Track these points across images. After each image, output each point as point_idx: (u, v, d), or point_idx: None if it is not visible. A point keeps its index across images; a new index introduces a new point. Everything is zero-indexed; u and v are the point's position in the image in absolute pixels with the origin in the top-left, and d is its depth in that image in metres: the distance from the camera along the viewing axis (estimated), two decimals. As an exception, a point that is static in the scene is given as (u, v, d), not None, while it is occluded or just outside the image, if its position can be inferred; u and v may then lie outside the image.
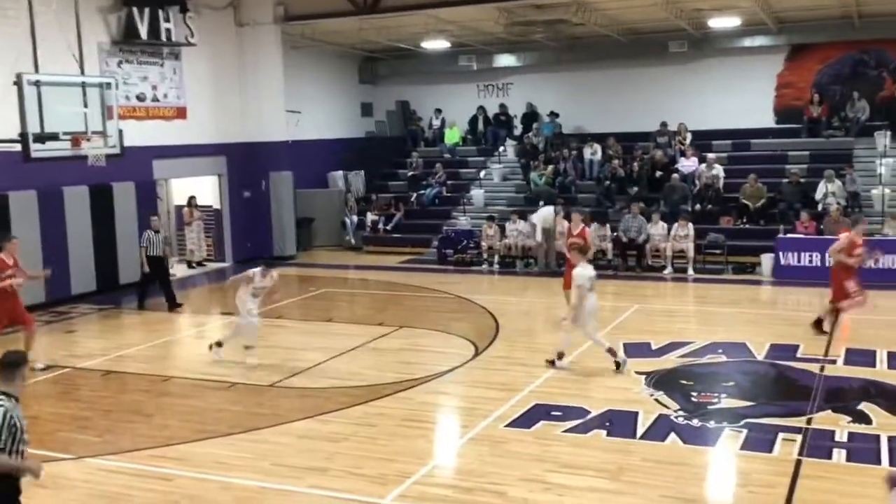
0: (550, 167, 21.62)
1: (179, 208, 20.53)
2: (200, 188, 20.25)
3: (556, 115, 23.51)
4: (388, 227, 22.07)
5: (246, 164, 20.25)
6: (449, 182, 23.22)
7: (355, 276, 19.45)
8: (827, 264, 16.16)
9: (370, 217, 22.35)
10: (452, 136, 24.91)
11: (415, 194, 22.85)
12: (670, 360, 10.99)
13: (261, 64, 20.28)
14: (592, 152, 21.64)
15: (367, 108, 26.46)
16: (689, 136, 21.27)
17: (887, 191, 18.41)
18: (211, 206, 20.42)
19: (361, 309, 15.94)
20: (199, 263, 19.85)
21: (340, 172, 23.96)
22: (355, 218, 22.52)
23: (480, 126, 24.83)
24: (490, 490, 7.14)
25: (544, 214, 18.33)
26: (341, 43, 23.34)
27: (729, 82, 21.94)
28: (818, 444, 7.99)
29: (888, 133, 19.58)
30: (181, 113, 18.82)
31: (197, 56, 18.85)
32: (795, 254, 16.55)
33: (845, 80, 21.34)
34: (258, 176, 20.61)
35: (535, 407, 9.23)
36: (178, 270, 18.60)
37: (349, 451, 8.15)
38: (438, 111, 25.31)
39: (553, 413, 9.02)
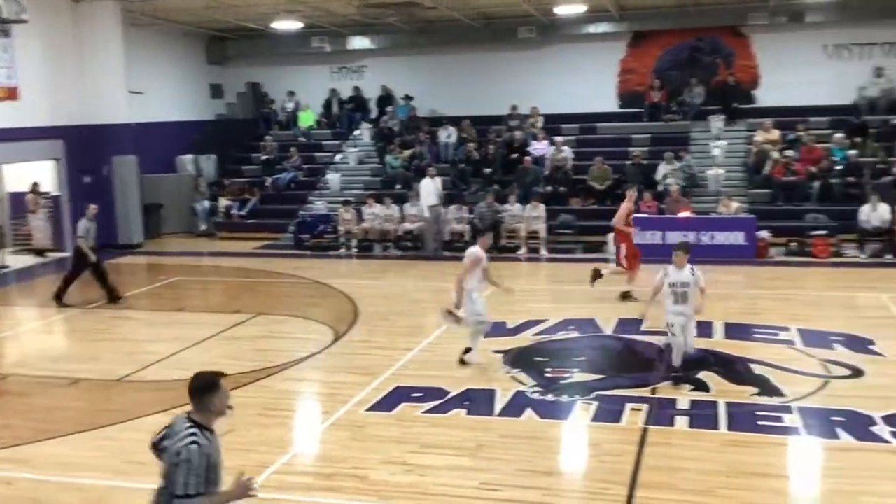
0: (407, 150, 21.70)
1: (16, 195, 19.27)
2: (41, 174, 19.07)
3: (411, 99, 23.58)
4: (243, 213, 21.54)
5: (86, 147, 19.21)
6: (304, 166, 22.87)
7: (208, 263, 18.87)
8: (667, 242, 17.14)
9: (223, 202, 21.74)
10: (306, 119, 24.53)
11: (269, 178, 22.38)
12: (525, 339, 11.31)
13: (99, 42, 19.27)
14: (447, 135, 21.87)
15: (216, 89, 25.62)
16: (540, 120, 21.85)
17: (721, 171, 19.59)
18: (48, 193, 19.26)
19: (215, 297, 15.50)
20: (41, 253, 18.76)
21: (190, 156, 23.14)
22: (207, 203, 21.83)
23: (335, 109, 24.58)
24: (351, 475, 7.14)
25: (429, 190, 18.46)
26: (186, 21, 22.45)
27: (576, 67, 22.66)
28: (662, 413, 8.45)
29: (722, 117, 20.86)
30: (12, 94, 17.59)
31: (29, 33, 17.64)
32: (640, 232, 17.32)
33: (683, 66, 22.48)
34: (100, 160, 19.62)
35: (395, 390, 9.29)
36: (19, 261, 17.50)
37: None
38: (291, 94, 24.85)
39: (413, 395, 9.10)
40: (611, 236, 17.48)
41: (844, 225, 16.77)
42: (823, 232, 16.63)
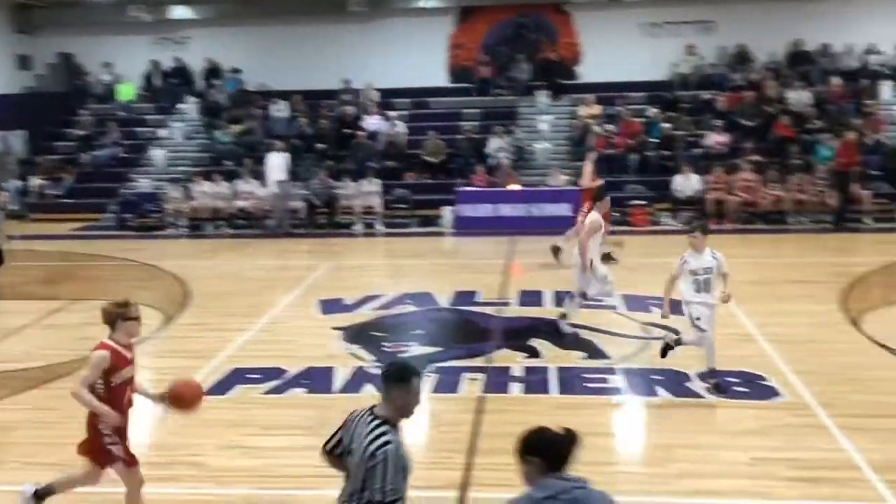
0: (237, 126, 21.05)
1: None
2: None
3: (239, 72, 22.85)
4: (58, 192, 20.20)
5: None
6: (125, 142, 21.71)
7: (20, 247, 17.57)
8: (499, 214, 17.62)
9: (35, 181, 20.29)
10: (126, 92, 23.26)
11: (86, 155, 21.08)
12: (363, 314, 11.32)
13: None
14: (279, 110, 21.39)
15: (24, 60, 23.79)
16: (373, 94, 21.77)
17: (548, 145, 20.29)
18: None
19: (30, 283, 14.49)
20: None
21: (-5, 132, 21.44)
22: (17, 183, 20.30)
23: (157, 82, 23.43)
24: (188, 462, 6.91)
25: (276, 165, 17.96)
26: (-13, -14, 20.70)
27: (406, 41, 22.71)
28: (498, 381, 8.71)
29: (547, 92, 21.56)
30: None
31: None
32: (473, 205, 17.74)
33: (510, 42, 23.01)
34: None
35: (232, 372, 9.06)
36: None
37: (23, 440, 7.46)
38: (108, 65, 23.45)
39: (251, 376, 8.91)
40: (447, 209, 17.82)
41: (660, 195, 17.82)
42: (642, 202, 17.61)
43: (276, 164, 18.33)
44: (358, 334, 10.39)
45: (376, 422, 3.98)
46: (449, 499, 5.99)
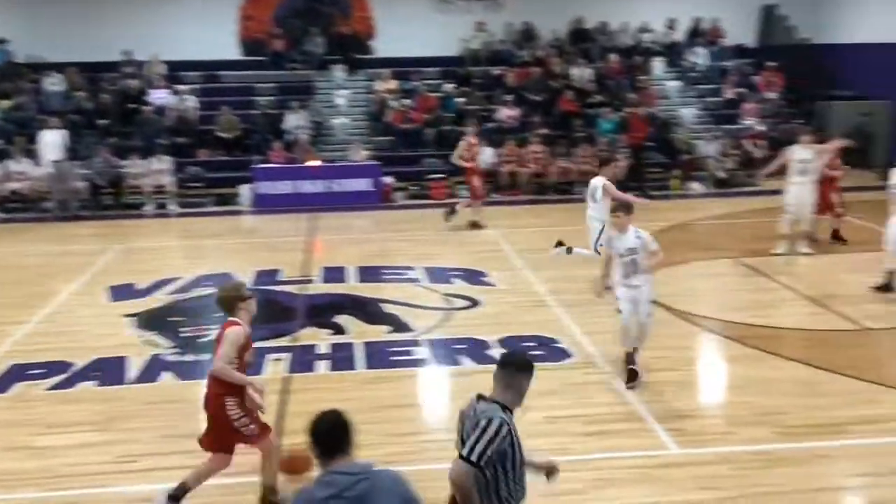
0: (5, 101, 19.26)
1: None
2: None
3: (6, 42, 20.88)
4: None
5: None
6: None
7: None
8: (298, 191, 17.39)
9: None
10: None
11: None
12: (158, 299, 10.81)
13: None
14: (53, 83, 19.79)
15: None
16: (160, 67, 20.65)
17: (346, 120, 20.19)
18: None
19: None
20: None
21: None
22: None
23: None
24: (-36, 470, 6.33)
25: (51, 143, 16.57)
26: None
27: (195, 12, 21.67)
28: (303, 360, 8.63)
29: (343, 67, 21.40)
30: None
31: None
32: (271, 183, 17.35)
33: (303, 14, 22.55)
34: None
35: (11, 369, 8.37)
36: None
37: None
38: None
39: (32, 372, 8.28)
40: (244, 187, 17.31)
41: (457, 168, 18.20)
42: (440, 175, 17.97)
43: (52, 141, 17.03)
44: (152, 320, 9.92)
45: (494, 405, 4.04)
46: (254, 483, 5.87)
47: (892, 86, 18.65)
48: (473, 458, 3.88)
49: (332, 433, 3.58)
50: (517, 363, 4.22)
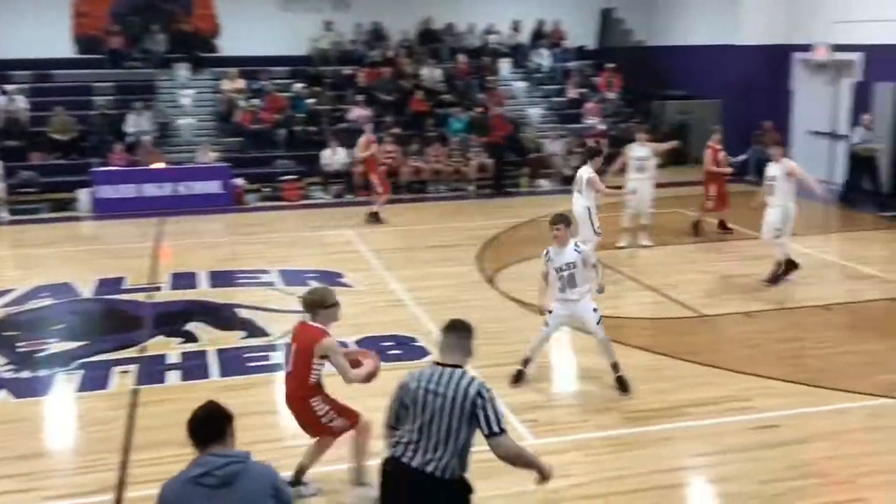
0: None
1: None
2: None
3: None
4: None
5: None
6: None
7: None
8: (143, 194, 16.71)
9: None
10: None
11: None
12: (-11, 313, 10.10)
13: None
14: None
15: None
16: (-18, 65, 19.27)
17: (192, 120, 19.53)
18: None
19: None
20: None
21: None
22: None
23: None
24: None
25: None
26: None
27: (23, 8, 20.37)
28: (152, 371, 8.28)
29: (187, 65, 20.69)
30: None
31: None
32: (112, 186, 16.55)
33: (142, 11, 21.61)
34: None
35: None
36: None
37: None
38: None
39: None
40: (83, 192, 16.41)
41: (310, 169, 18.05)
42: (292, 176, 17.71)
43: None
44: (-16, 336, 9.26)
45: (460, 370, 4.30)
46: (104, 502, 5.59)
47: (720, 85, 19.89)
48: (501, 426, 4.21)
49: (207, 423, 3.64)
50: (454, 328, 4.50)
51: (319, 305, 5.72)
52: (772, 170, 10.74)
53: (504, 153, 18.56)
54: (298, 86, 20.12)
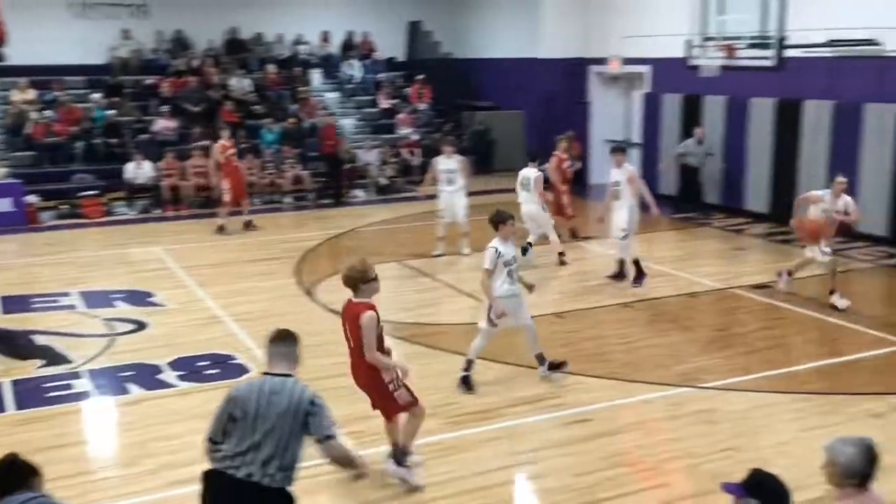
0: None
1: None
2: None
3: None
4: None
5: None
6: None
7: None
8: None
9: None
10: None
11: None
12: None
13: None
14: None
15: None
16: None
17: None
18: None
19: None
20: None
21: None
22: None
23: None
24: None
25: None
26: None
27: None
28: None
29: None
30: None
31: None
32: None
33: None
34: None
35: None
36: None
37: None
38: None
39: None
40: None
41: (113, 183, 17.09)
42: (93, 192, 16.70)
43: None
44: None
45: (291, 378, 4.36)
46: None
47: (524, 97, 20.75)
48: (332, 432, 4.34)
49: (8, 477, 3.57)
50: (287, 336, 4.57)
51: (361, 280, 5.76)
52: (615, 175, 11.23)
53: (339, 164, 18.40)
54: (96, 96, 19.04)
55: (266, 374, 4.42)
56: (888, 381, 8.07)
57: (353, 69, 22.36)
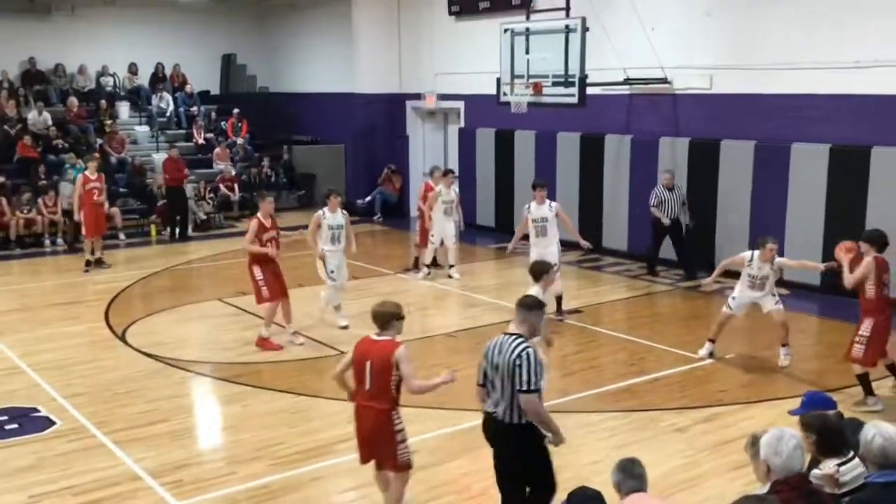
0: None
1: None
2: None
3: None
4: None
5: None
6: None
7: None
8: None
9: None
10: None
11: None
12: None
13: None
14: None
15: None
16: None
17: None
18: None
19: None
20: None
21: None
22: None
23: None
24: None
25: None
26: None
27: None
28: None
29: None
30: None
31: None
32: None
33: None
34: None
35: None
36: None
37: None
38: None
39: None
40: None
41: None
42: None
43: None
44: None
45: (514, 337, 5.21)
46: None
47: (344, 131, 20.77)
48: (532, 385, 5.06)
49: None
50: (526, 304, 5.39)
51: (396, 317, 5.73)
52: (540, 211, 11.07)
53: (181, 198, 17.57)
54: None
55: (504, 333, 5.31)
56: (690, 395, 8.67)
57: (164, 102, 21.58)
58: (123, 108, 21.15)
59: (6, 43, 20.06)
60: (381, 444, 5.73)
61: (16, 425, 7.76)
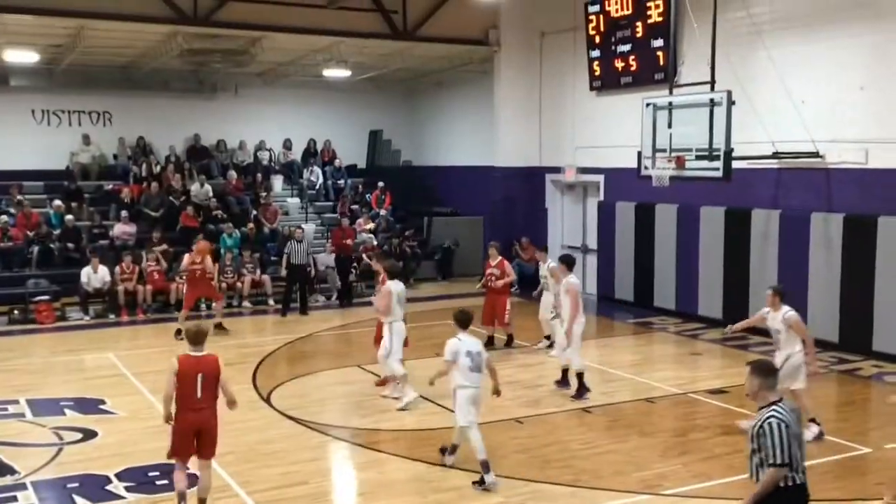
0: None
1: None
2: None
3: None
4: None
5: None
6: None
7: None
8: None
9: None
10: None
11: None
12: None
13: None
14: None
15: None
16: None
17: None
18: None
19: None
20: None
21: None
22: None
23: None
24: None
25: None
26: None
27: None
28: None
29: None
30: None
31: None
32: None
33: None
34: None
35: None
36: None
37: None
38: None
39: None
40: None
41: (67, 289, 16.86)
42: (46, 297, 16.42)
43: None
44: None
45: (768, 407, 5.19)
46: None
47: (483, 203, 21.10)
48: (778, 460, 5.02)
49: None
50: (762, 370, 5.35)
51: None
52: (543, 269, 12.50)
53: (350, 266, 18.61)
54: (56, 202, 18.99)
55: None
56: (844, 486, 8.10)
57: (315, 175, 22.67)
58: (277, 181, 22.36)
59: (175, 121, 21.77)
60: None
61: (166, 481, 8.15)
